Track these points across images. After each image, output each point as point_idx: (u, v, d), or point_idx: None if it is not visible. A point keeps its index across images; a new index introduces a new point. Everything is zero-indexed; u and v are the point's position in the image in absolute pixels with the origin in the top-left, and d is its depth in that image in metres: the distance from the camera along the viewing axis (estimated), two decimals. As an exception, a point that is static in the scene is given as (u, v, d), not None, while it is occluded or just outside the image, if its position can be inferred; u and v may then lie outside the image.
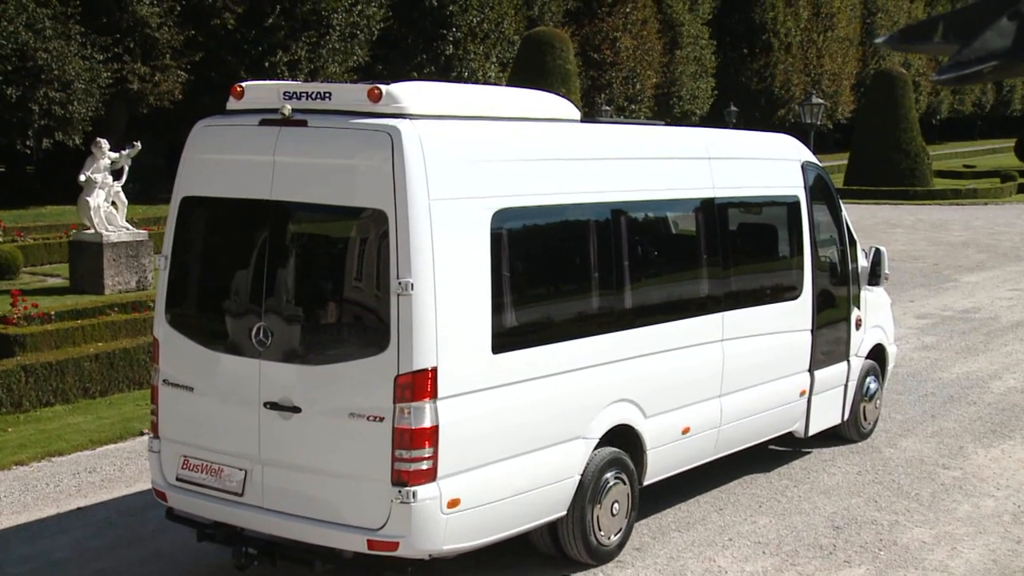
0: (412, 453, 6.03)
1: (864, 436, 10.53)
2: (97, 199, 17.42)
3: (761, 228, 9.46)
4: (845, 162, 46.73)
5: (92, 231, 17.52)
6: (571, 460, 7.04)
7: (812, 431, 9.72)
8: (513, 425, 6.61)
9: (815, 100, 31.61)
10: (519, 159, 6.78)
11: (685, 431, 8.05)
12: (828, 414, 9.92)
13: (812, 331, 9.43)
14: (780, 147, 9.68)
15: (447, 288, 6.12)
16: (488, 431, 6.44)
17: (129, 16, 29.81)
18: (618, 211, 7.47)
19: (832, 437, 10.31)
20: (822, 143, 63.18)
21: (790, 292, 9.29)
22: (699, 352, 8.15)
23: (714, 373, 8.32)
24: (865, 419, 10.51)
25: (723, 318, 8.37)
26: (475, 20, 39.24)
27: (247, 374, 6.52)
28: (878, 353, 10.72)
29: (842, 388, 10.06)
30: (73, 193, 18.78)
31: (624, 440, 7.49)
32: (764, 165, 9.26)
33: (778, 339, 9.06)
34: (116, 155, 17.85)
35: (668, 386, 7.84)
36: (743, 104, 54.08)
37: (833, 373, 9.84)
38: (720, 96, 55.97)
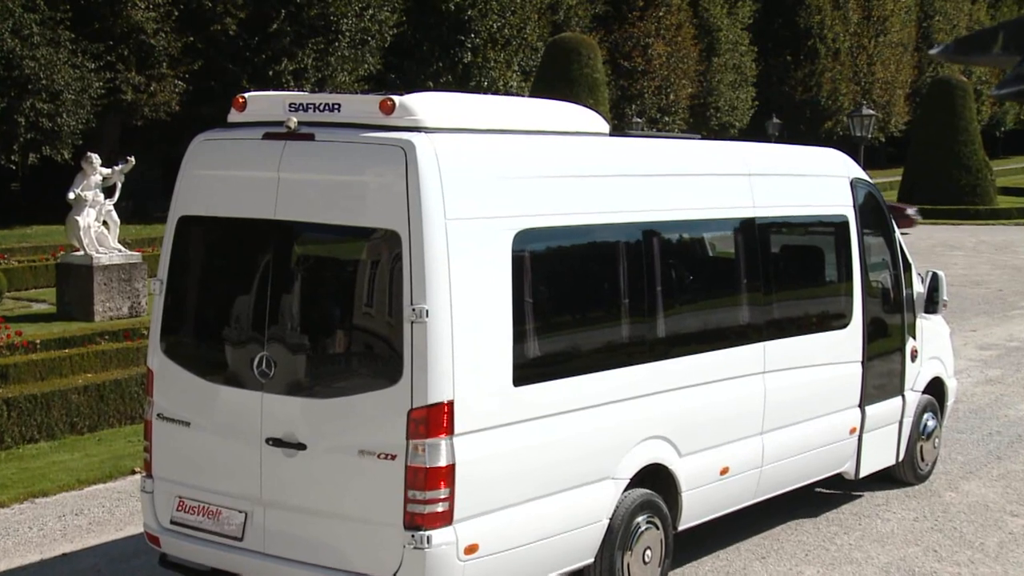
0: (426, 494, 6.04)
1: (921, 479, 10.47)
2: (87, 218, 17.58)
3: (806, 250, 9.46)
4: (899, 179, 46.62)
5: (81, 253, 17.68)
6: (599, 502, 7.04)
7: (864, 472, 9.68)
8: (536, 464, 6.62)
9: (866, 111, 31.60)
10: (543, 176, 6.83)
11: (724, 471, 8.03)
12: (881, 454, 9.87)
13: (863, 363, 9.41)
14: (827, 162, 9.69)
15: (465, 315, 6.15)
16: (509, 470, 6.45)
17: (123, 21, 30.15)
18: (650, 232, 7.49)
19: (886, 479, 10.25)
20: (873, 158, 63.01)
21: (838, 320, 9.27)
22: (739, 385, 8.15)
23: (755, 408, 8.31)
24: (922, 460, 10.45)
25: (765, 348, 8.37)
26: (495, 25, 39.49)
27: (248, 408, 6.57)
28: (936, 387, 10.66)
29: (896, 425, 10.01)
30: (61, 212, 18.96)
31: (657, 481, 7.48)
32: (809, 182, 9.27)
33: (825, 371, 9.04)
34: (108, 171, 18.03)
35: (705, 422, 7.84)
36: (786, 116, 54.09)
37: (886, 409, 9.80)
38: (761, 107, 56.02)
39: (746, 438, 8.25)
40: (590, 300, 7.26)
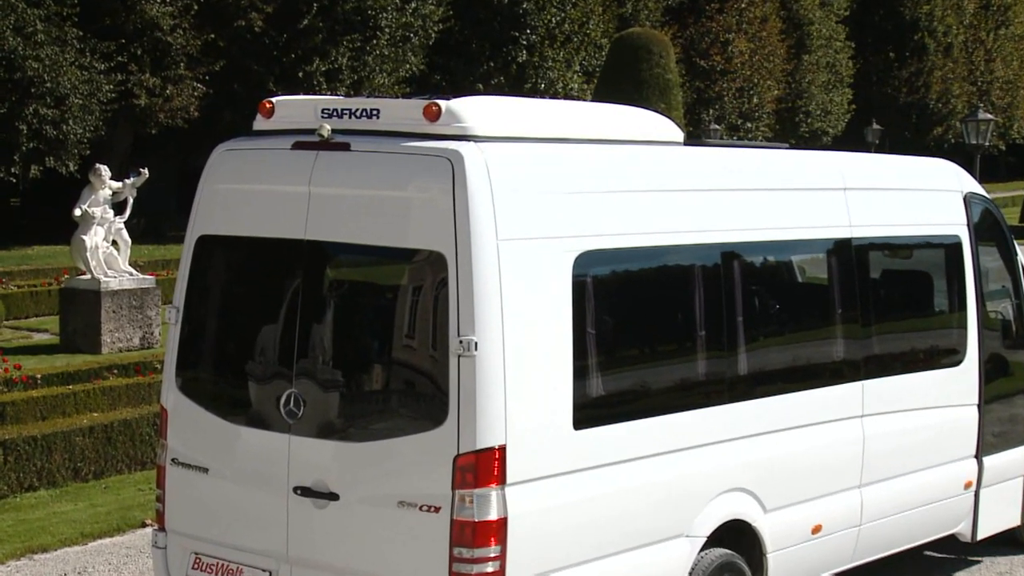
0: (475, 552, 6.06)
1: (1052, 543, 10.29)
2: (95, 238, 17.84)
3: (912, 276, 9.39)
4: (1021, 193, 46.03)
5: (88, 276, 17.95)
6: (672, 563, 7.02)
7: (982, 534, 9.54)
8: (599, 519, 6.62)
9: (982, 115, 31.29)
10: (608, 191, 6.85)
11: (816, 530, 7.98)
12: (1003, 513, 9.73)
13: (979, 406, 9.30)
14: (936, 175, 9.62)
15: (519, 348, 6.18)
16: (568, 525, 6.45)
17: (136, 17, 30.59)
18: (730, 254, 7.49)
19: (1009, 543, 10.09)
20: (991, 169, 62.29)
21: (950, 356, 9.18)
22: (833, 430, 8.09)
23: (852, 457, 8.25)
24: (1052, 521, 10.28)
25: (863, 388, 8.31)
26: (554, 20, 39.64)
27: (274, 452, 6.63)
28: (1067, 435, 10.50)
29: (1020, 480, 9.87)
30: (66, 231, 19.28)
31: (739, 540, 7.44)
32: (915, 197, 9.21)
33: (935, 415, 8.95)
34: (119, 185, 18.30)
35: (793, 473, 7.79)
36: (889, 121, 53.68)
37: (1008, 460, 9.67)
38: (859, 111, 55.64)
39: (842, 492, 8.19)
40: (661, 332, 7.27)
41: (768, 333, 7.84)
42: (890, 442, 8.50)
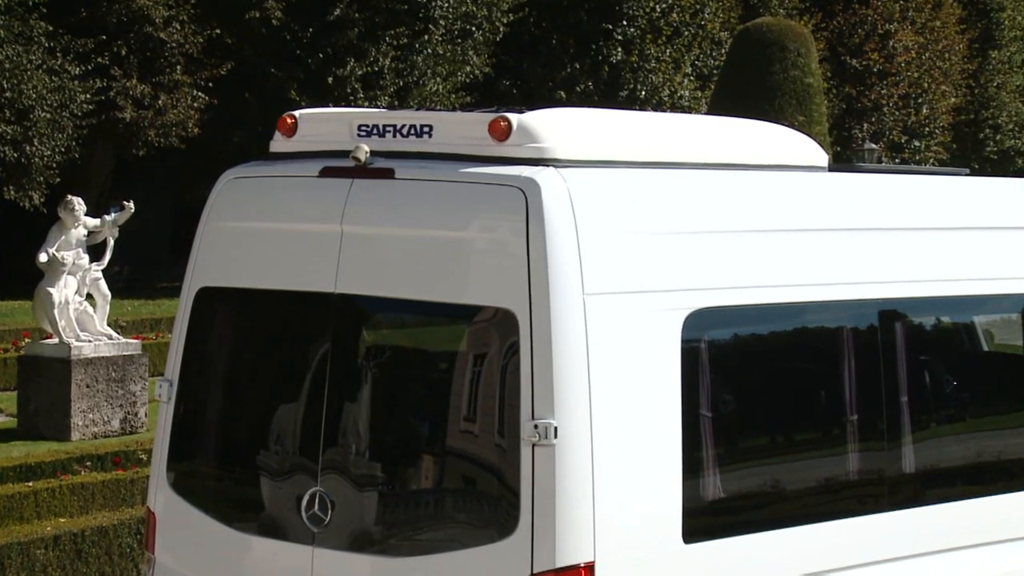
0: None
1: None
2: (65, 290, 17.97)
3: None
4: None
5: (55, 341, 18.07)
6: None
7: None
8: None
9: None
10: (729, 231, 6.86)
11: None
12: None
13: None
14: None
15: (611, 435, 6.18)
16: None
17: (121, 7, 30.95)
18: (891, 314, 7.47)
19: None
20: None
21: None
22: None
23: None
24: None
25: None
26: (659, 8, 39.70)
27: (293, 570, 6.64)
28: None
29: None
30: (28, 280, 19.48)
31: None
32: None
33: None
34: (96, 222, 18.44)
35: (978, 605, 7.70)
36: (1106, 138, 53.04)
37: None
38: (1065, 125, 55.06)
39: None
40: (799, 415, 7.24)
41: (943, 418, 7.79)
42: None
